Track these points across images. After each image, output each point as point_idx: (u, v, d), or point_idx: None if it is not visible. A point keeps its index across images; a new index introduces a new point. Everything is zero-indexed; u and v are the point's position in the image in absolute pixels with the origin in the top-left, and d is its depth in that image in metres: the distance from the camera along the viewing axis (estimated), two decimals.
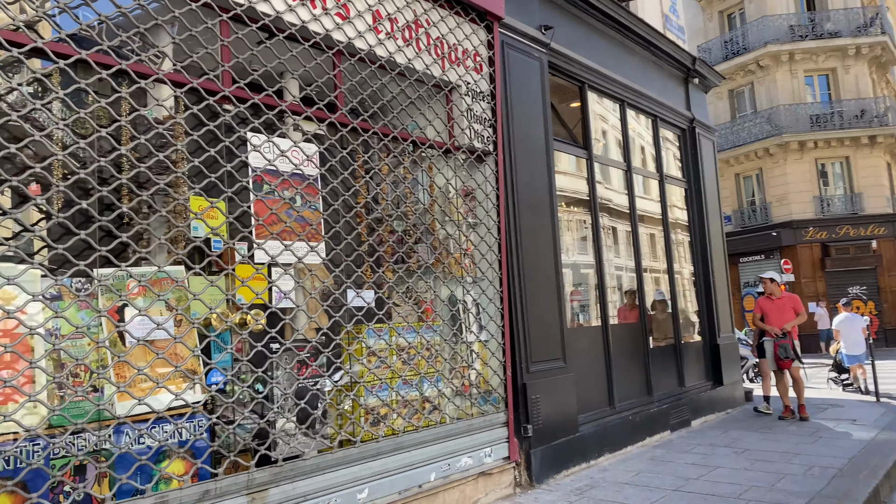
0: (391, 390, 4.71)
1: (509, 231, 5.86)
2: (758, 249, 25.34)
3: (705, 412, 8.83)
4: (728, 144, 26.07)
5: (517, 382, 5.75)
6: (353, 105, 4.62)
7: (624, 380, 7.54)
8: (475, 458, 5.16)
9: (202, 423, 3.59)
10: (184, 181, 3.65)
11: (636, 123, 8.90)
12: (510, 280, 5.80)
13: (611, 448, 6.79)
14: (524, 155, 6.19)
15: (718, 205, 10.24)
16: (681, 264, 9.63)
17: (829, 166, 25.10)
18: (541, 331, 6.09)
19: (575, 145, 7.53)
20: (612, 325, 7.58)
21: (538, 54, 6.58)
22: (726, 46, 26.48)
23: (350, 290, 4.42)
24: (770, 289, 9.16)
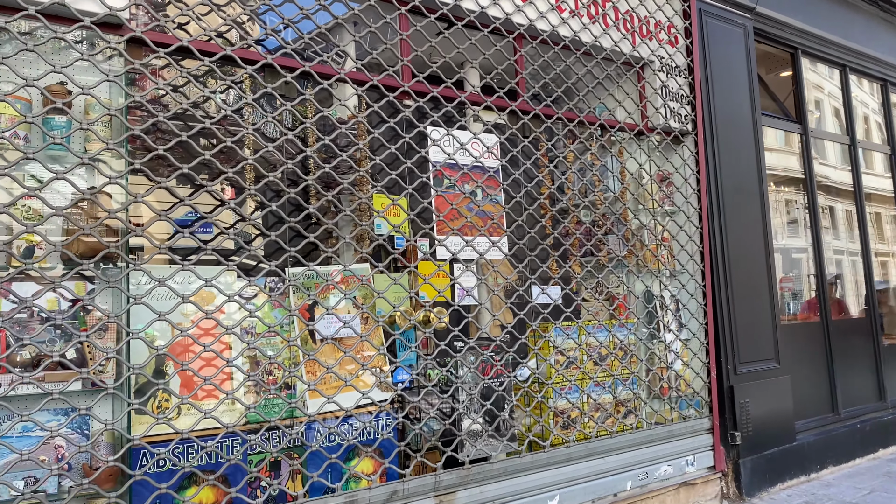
0: (582, 392, 4.43)
1: (711, 218, 5.32)
2: None
3: None
4: None
5: (722, 385, 5.21)
6: (536, 90, 4.38)
7: (850, 382, 6.62)
8: (676, 466, 4.74)
9: (389, 421, 3.57)
10: (367, 179, 3.63)
11: (861, 90, 7.77)
12: (713, 273, 5.26)
13: (835, 460, 5.98)
14: (728, 133, 5.58)
15: None
16: None
17: None
18: (750, 328, 5.47)
19: (787, 119, 6.71)
20: (835, 320, 6.68)
21: (741, 20, 5.91)
22: None
23: (535, 287, 4.20)
24: None
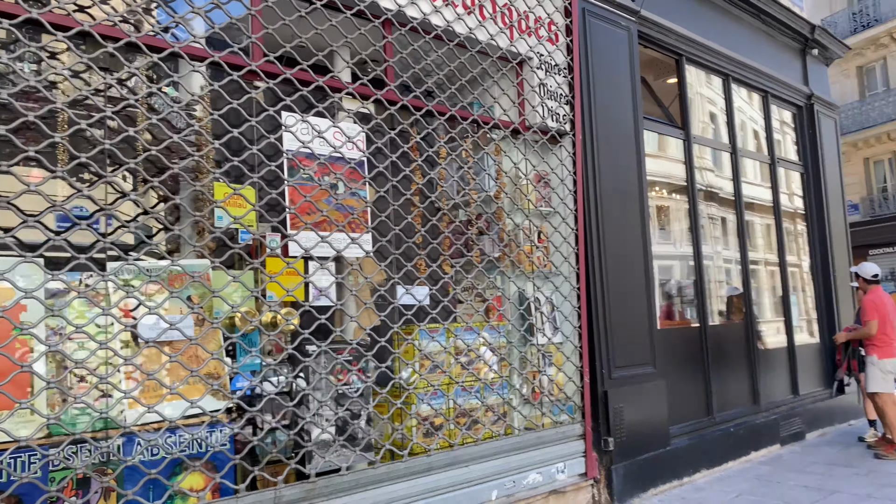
0: (448, 398, 4.24)
1: (589, 220, 5.25)
2: (890, 241, 23.04)
3: (822, 424, 7.83)
4: (856, 126, 23.84)
5: (597, 390, 5.14)
6: (405, 80, 4.16)
7: (725, 387, 6.73)
8: (545, 474, 4.62)
9: (225, 433, 3.25)
10: (206, 166, 3.31)
11: (744, 101, 7.98)
12: (589, 276, 5.19)
13: (708, 464, 6.04)
14: (608, 135, 5.54)
15: (841, 191, 9.09)
16: (799, 257, 8.62)
17: None
18: (626, 332, 5.44)
19: (670, 125, 6.77)
20: (713, 325, 6.78)
21: (626, 23, 5.89)
22: (854, 19, 24.18)
23: (399, 287, 3.98)
24: None
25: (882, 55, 23.69)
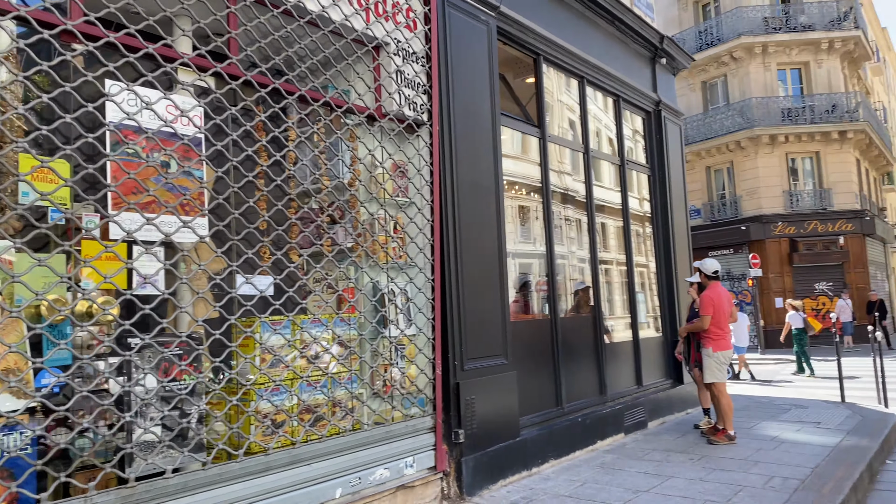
0: (292, 394, 4.03)
1: (445, 213, 5.20)
2: (727, 243, 25.03)
3: (663, 413, 8.29)
4: (700, 137, 25.69)
5: (448, 382, 5.11)
6: (251, 55, 3.90)
7: (574, 378, 6.94)
8: (393, 469, 4.51)
9: (26, 435, 2.88)
10: (9, 136, 2.91)
11: (597, 103, 8.28)
12: (444, 268, 5.14)
13: (556, 453, 6.19)
14: (466, 128, 5.53)
15: (684, 194, 9.67)
16: (647, 257, 9.07)
17: (800, 161, 24.82)
18: (479, 325, 5.44)
19: (527, 123, 6.88)
20: (563, 318, 6.97)
21: (486, 17, 5.91)
22: (700, 37, 26.03)
23: (239, 276, 3.73)
24: None
25: (723, 72, 25.66)
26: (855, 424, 7.82)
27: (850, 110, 24.09)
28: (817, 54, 24.55)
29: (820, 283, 24.01)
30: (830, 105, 24.10)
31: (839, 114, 24.01)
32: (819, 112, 24.10)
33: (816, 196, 24.32)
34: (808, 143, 24.28)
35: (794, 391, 11.86)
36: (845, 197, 24.17)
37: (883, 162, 30.15)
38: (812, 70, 24.71)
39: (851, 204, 24.19)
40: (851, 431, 7.40)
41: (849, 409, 8.97)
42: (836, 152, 24.32)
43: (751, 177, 24.65)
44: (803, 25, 24.45)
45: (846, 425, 7.79)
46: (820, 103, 24.18)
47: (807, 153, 24.63)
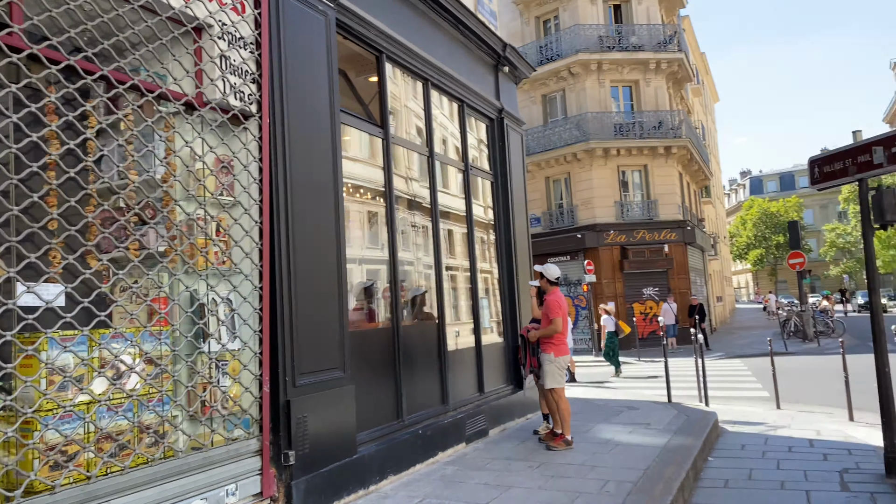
0: (86, 421, 3.46)
1: (276, 214, 4.79)
2: (564, 250, 26.18)
3: (505, 419, 8.30)
4: (540, 148, 26.70)
5: (278, 400, 4.70)
6: (38, 24, 3.32)
7: (416, 388, 6.74)
8: (212, 499, 4.04)
9: None
10: None
11: (441, 107, 8.18)
12: (274, 274, 4.73)
13: (396, 469, 5.94)
14: (302, 123, 5.15)
15: (525, 201, 9.82)
16: (490, 263, 9.08)
17: (630, 174, 26.48)
18: (315, 336, 5.08)
19: (370, 122, 6.60)
20: (406, 326, 6.75)
21: (324, 8, 5.56)
22: (541, 51, 27.10)
23: (19, 283, 3.13)
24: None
25: (562, 87, 26.87)
26: (681, 424, 8.24)
27: (674, 127, 26.05)
28: (646, 73, 26.33)
29: (647, 289, 25.71)
30: (657, 122, 25.93)
31: (665, 130, 25.89)
32: (647, 128, 25.85)
33: (645, 207, 26.04)
34: (637, 157, 25.96)
35: (626, 393, 12.44)
36: (670, 208, 26.07)
37: (702, 176, 32.91)
38: (642, 88, 26.48)
39: (675, 215, 26.13)
40: (678, 431, 7.77)
41: (675, 409, 9.48)
42: (661, 166, 26.18)
43: (586, 187, 25.97)
44: (634, 46, 26.14)
45: (673, 425, 8.18)
46: (648, 120, 25.95)
47: (636, 166, 26.33)
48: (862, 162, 5.94)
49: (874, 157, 5.80)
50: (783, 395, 11.19)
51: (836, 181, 6.33)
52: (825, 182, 6.46)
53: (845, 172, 6.15)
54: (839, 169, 6.23)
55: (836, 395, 11.40)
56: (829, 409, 10.30)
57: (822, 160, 6.46)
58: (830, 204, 77.74)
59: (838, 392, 11.70)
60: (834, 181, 6.35)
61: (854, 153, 6.04)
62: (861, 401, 9.55)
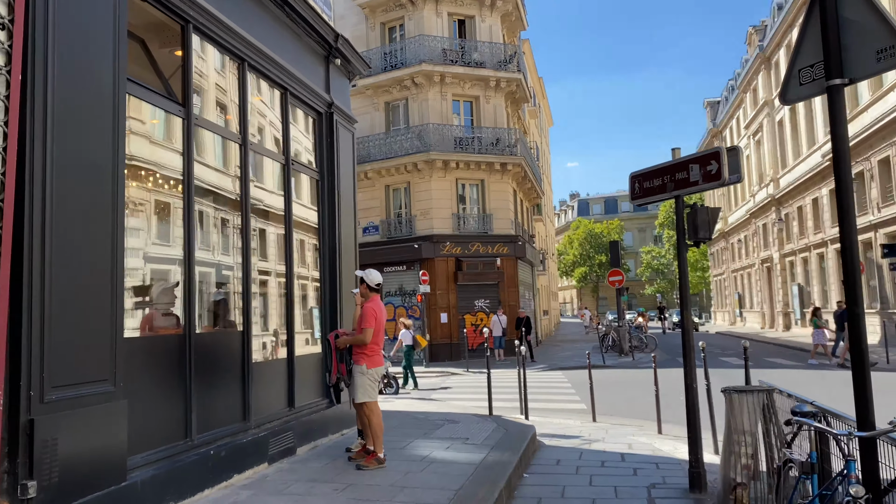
0: None
1: (28, 193, 3.93)
2: (401, 260, 25.97)
3: (317, 436, 7.70)
4: (382, 155, 26.37)
5: (18, 419, 3.82)
6: None
7: (211, 403, 5.96)
8: None
9: None
10: None
11: (260, 93, 7.48)
12: (20, 268, 3.86)
13: (178, 495, 5.15)
14: (73, 88, 4.30)
15: (354, 202, 9.31)
16: (310, 268, 8.45)
17: (468, 187, 26.82)
18: (75, 343, 4.23)
19: (169, 99, 5.79)
20: (201, 333, 5.98)
21: None
22: (386, 58, 26.84)
23: None
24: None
25: (405, 96, 26.73)
26: (499, 438, 8.06)
27: (510, 145, 26.74)
28: (486, 90, 26.85)
29: (479, 300, 26.10)
30: (495, 138, 26.49)
31: (502, 147, 26.50)
32: (486, 143, 26.33)
33: (480, 220, 26.46)
34: (475, 171, 26.34)
35: (449, 405, 12.24)
36: (503, 223, 26.68)
37: (534, 194, 34.16)
38: (482, 104, 26.96)
39: (508, 229, 26.77)
40: (495, 447, 7.55)
41: (495, 423, 9.33)
42: (497, 181, 26.76)
43: (425, 198, 25.96)
44: (476, 62, 26.57)
45: (491, 440, 7.98)
46: (487, 135, 26.44)
47: (474, 180, 26.71)
48: (679, 179, 6.02)
49: (690, 174, 5.89)
50: (600, 407, 11.47)
51: (654, 197, 6.39)
52: (644, 197, 6.52)
53: (663, 188, 6.22)
54: (658, 185, 6.29)
55: (648, 408, 11.87)
56: (641, 422, 10.66)
57: (643, 176, 6.51)
58: (648, 228, 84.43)
59: (649, 404, 12.22)
60: (653, 197, 6.42)
61: (672, 170, 6.12)
62: (668, 414, 9.94)
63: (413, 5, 26.52)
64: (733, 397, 5.23)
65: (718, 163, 5.62)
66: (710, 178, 5.73)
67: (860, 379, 3.02)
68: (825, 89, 3.15)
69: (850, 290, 3.12)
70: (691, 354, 6.11)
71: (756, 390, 5.21)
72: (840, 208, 3.13)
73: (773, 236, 38.66)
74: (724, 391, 5.38)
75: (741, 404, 5.16)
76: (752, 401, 5.13)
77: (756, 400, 5.15)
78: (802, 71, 3.32)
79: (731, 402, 5.26)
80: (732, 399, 5.23)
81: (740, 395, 5.18)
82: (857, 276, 3.11)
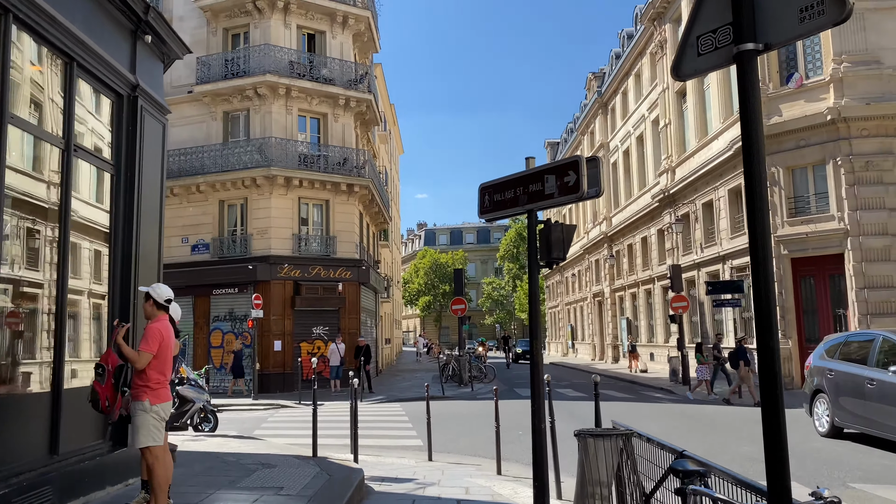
0: None
1: None
2: (233, 282, 24.05)
3: (90, 488, 6.17)
4: (217, 168, 24.43)
5: None
6: None
7: None
8: None
9: None
10: None
11: (34, 56, 5.98)
12: None
13: None
14: None
15: (160, 206, 7.87)
16: (95, 280, 6.92)
17: (311, 207, 25.45)
18: None
19: None
20: None
21: None
22: (228, 66, 25.07)
23: None
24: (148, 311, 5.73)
25: (247, 106, 25.03)
26: (320, 487, 6.91)
27: (358, 166, 25.75)
28: (335, 108, 25.78)
29: (318, 327, 24.65)
30: (342, 158, 25.40)
31: (349, 167, 25.44)
32: (332, 163, 25.17)
33: (323, 242, 25.15)
34: (319, 191, 25.05)
35: (270, 445, 10.87)
36: (347, 246, 25.53)
37: (381, 219, 33.31)
38: (330, 122, 25.83)
39: (352, 253, 25.65)
40: (314, 497, 6.41)
41: (318, 466, 8.16)
42: (343, 203, 25.62)
43: (264, 216, 24.30)
44: (325, 78, 25.46)
45: (310, 488, 6.82)
46: (334, 154, 25.31)
47: (318, 200, 25.40)
48: (534, 191, 5.31)
49: (546, 186, 5.19)
50: (438, 442, 10.63)
51: (506, 211, 5.65)
52: (495, 211, 5.77)
53: (516, 202, 5.48)
54: (510, 198, 5.55)
55: (487, 443, 11.19)
56: (479, 460, 9.90)
57: (493, 188, 5.76)
58: (490, 260, 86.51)
59: (488, 439, 11.55)
60: (504, 211, 5.67)
61: (526, 181, 5.40)
62: (508, 450, 9.27)
63: (260, 13, 25.03)
64: (588, 442, 4.50)
65: (577, 173, 4.95)
66: (567, 190, 5.04)
67: (775, 439, 2.26)
68: (733, 57, 2.46)
69: (763, 322, 2.39)
70: (540, 390, 5.34)
71: (612, 434, 4.51)
72: (750, 213, 2.41)
73: (605, 272, 40.37)
74: (578, 435, 4.65)
75: (597, 450, 4.44)
76: (609, 447, 4.42)
77: (613, 446, 4.44)
78: (702, 38, 2.62)
79: (585, 447, 4.53)
80: (588, 444, 4.50)
81: (596, 441, 4.45)
82: (773, 309, 2.40)
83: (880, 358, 9.66)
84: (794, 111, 20.10)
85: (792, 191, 20.54)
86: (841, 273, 19.19)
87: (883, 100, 18.68)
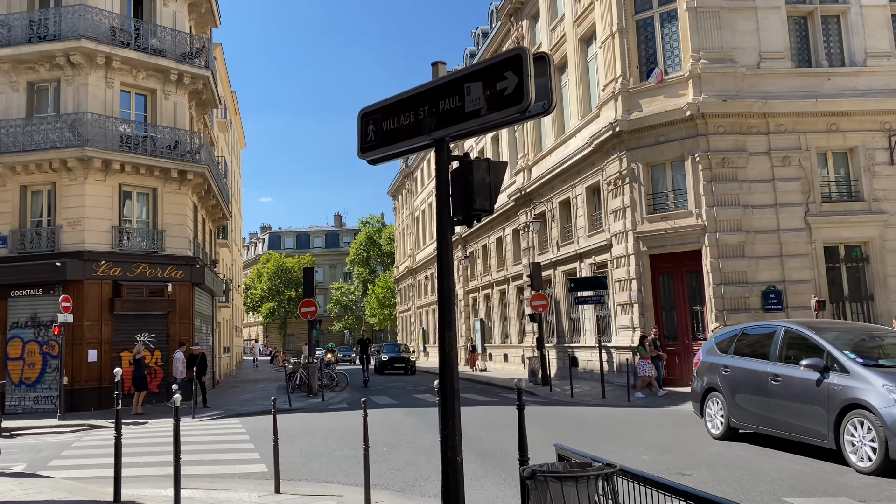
0: None
1: None
2: (37, 282, 20.29)
3: None
4: (18, 147, 20.55)
5: None
6: None
7: None
8: None
9: None
10: None
11: None
12: None
13: None
14: None
15: None
16: None
17: (135, 196, 22.14)
18: None
19: None
20: None
21: None
22: (33, 27, 21.21)
23: None
24: None
25: (57, 76, 21.34)
26: None
27: (193, 150, 22.79)
28: (166, 84, 22.66)
29: (142, 334, 21.39)
30: (174, 141, 22.33)
31: (182, 152, 22.42)
32: (161, 146, 22.03)
33: (149, 237, 21.96)
34: (146, 177, 21.84)
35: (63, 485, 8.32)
36: (179, 241, 22.47)
37: (219, 214, 30.15)
38: (159, 100, 22.67)
39: (185, 250, 22.63)
40: None
41: None
42: (174, 192, 22.54)
43: (76, 204, 20.73)
44: (155, 49, 22.30)
45: None
46: (163, 136, 22.19)
47: (144, 188, 22.16)
48: (447, 110, 3.58)
49: (466, 100, 3.48)
50: (287, 467, 8.62)
51: (402, 144, 3.89)
52: (384, 147, 3.99)
53: (418, 129, 3.74)
54: (408, 124, 3.79)
55: (347, 464, 9.35)
56: (341, 489, 8.00)
57: (383, 111, 3.97)
58: (339, 265, 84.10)
59: (347, 459, 9.70)
60: (399, 145, 3.90)
61: (435, 96, 3.66)
62: (374, 473, 7.49)
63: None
64: (551, 488, 2.82)
65: (519, 75, 3.27)
66: (501, 102, 3.36)
67: None
68: None
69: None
70: (454, 403, 3.62)
71: (587, 475, 2.86)
72: None
73: (458, 273, 39.52)
74: (529, 477, 2.96)
75: (567, 500, 2.77)
76: (584, 494, 2.77)
77: (590, 491, 2.80)
78: None
79: (545, 496, 2.84)
80: (551, 491, 2.81)
81: (565, 486, 2.78)
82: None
83: (784, 352, 8.89)
84: (654, 106, 19.94)
85: (651, 187, 20.38)
86: (698, 270, 19.17)
87: (737, 97, 18.88)
